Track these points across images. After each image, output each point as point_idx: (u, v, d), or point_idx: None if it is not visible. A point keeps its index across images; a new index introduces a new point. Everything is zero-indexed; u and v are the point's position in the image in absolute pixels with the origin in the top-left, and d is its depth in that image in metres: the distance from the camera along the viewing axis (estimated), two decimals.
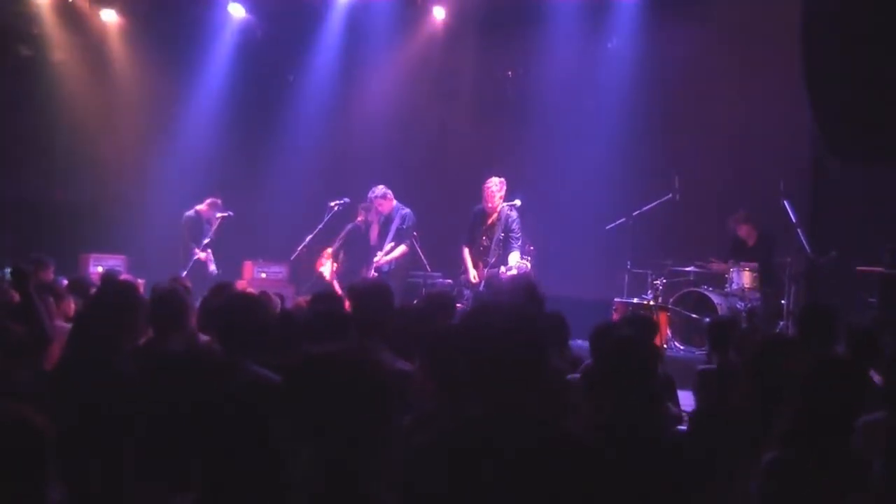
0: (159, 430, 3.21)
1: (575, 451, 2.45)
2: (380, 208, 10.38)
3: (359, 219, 11.06)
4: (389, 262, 10.27)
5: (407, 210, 10.44)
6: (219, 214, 11.49)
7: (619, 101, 11.98)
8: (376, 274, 10.07)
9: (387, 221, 10.40)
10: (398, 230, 10.31)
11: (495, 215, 9.57)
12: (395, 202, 10.43)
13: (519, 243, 9.47)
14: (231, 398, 2.92)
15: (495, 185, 9.56)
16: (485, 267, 9.48)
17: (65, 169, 13.01)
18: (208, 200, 11.62)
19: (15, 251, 10.20)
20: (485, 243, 9.57)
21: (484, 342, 2.48)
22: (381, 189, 10.39)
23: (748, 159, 10.84)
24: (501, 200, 9.57)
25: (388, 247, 10.30)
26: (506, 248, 9.45)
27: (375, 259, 10.33)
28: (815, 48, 9.88)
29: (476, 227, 9.73)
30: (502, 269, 9.28)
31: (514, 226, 9.49)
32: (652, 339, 5.14)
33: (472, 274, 9.62)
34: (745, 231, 10.30)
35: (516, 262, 9.27)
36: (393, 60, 13.43)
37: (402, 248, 10.32)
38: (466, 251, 9.79)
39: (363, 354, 2.25)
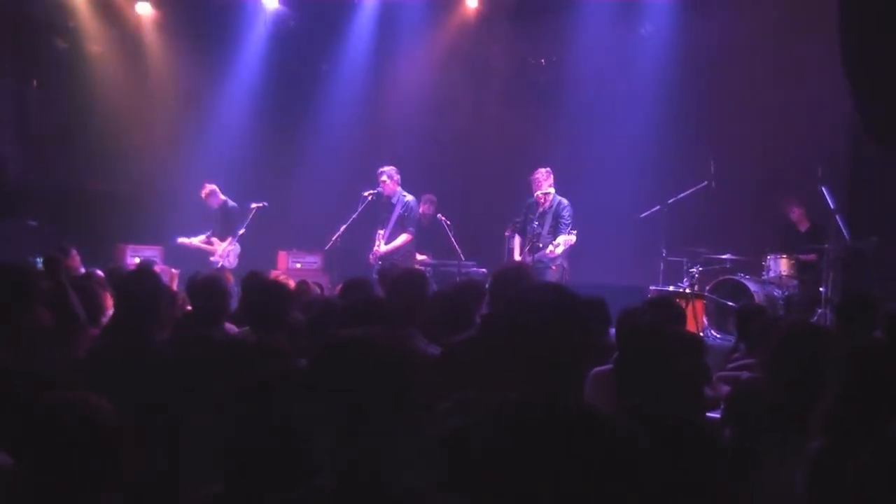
0: (192, 418, 3.23)
1: (616, 440, 2.42)
2: (382, 188, 10.38)
3: (420, 209, 11.14)
4: (393, 251, 10.25)
5: (410, 198, 10.43)
6: (253, 205, 11.55)
7: (654, 88, 11.89)
8: (379, 263, 10.09)
9: (388, 206, 10.40)
10: (400, 217, 10.31)
11: (546, 203, 9.72)
12: (398, 187, 10.42)
13: (569, 230, 9.61)
14: (264, 384, 2.91)
15: (541, 175, 9.82)
16: (534, 253, 9.61)
17: (101, 160, 13.10)
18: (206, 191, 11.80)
19: (52, 242, 10.29)
20: (536, 231, 9.72)
21: (526, 328, 2.46)
22: (389, 168, 10.40)
23: (785, 145, 10.69)
24: (550, 188, 9.76)
25: (380, 233, 10.35)
26: (555, 234, 9.65)
27: (376, 247, 10.35)
28: (854, 34, 9.74)
29: (528, 216, 9.92)
30: (550, 248, 9.44)
31: (565, 213, 9.71)
32: (677, 323, 5.06)
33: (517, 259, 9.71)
34: (797, 215, 10.21)
35: (564, 239, 9.43)
36: (425, 49, 13.40)
37: (404, 237, 10.31)
38: (517, 239, 10.02)
39: (390, 338, 2.22)
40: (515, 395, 2.45)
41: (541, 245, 9.65)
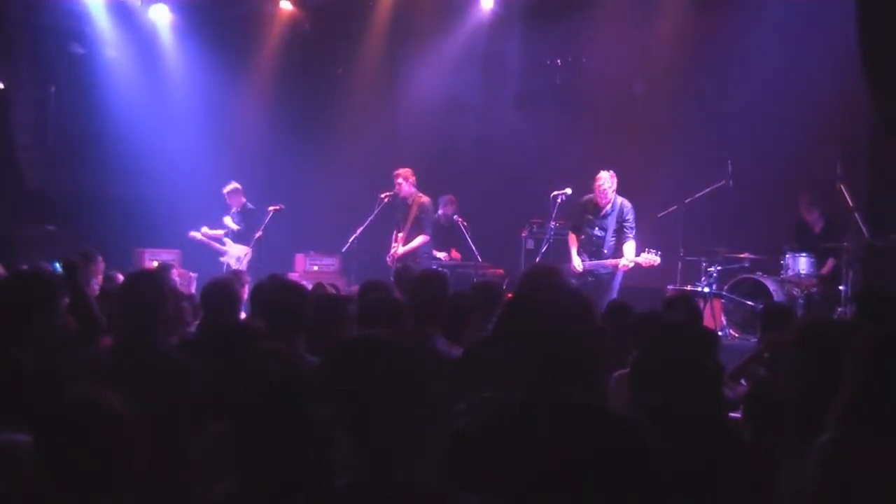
0: (203, 418, 3.23)
1: (631, 442, 2.39)
2: (398, 189, 10.37)
3: (439, 212, 11.10)
4: (410, 253, 10.22)
5: (426, 199, 10.41)
6: (270, 208, 11.57)
7: (670, 87, 11.83)
8: (397, 264, 10.07)
9: (404, 208, 10.39)
10: (416, 219, 10.29)
11: (609, 206, 9.55)
12: (414, 189, 10.40)
13: (633, 234, 9.47)
14: (276, 383, 2.91)
15: (606, 182, 9.49)
16: (598, 258, 9.51)
17: (119, 164, 13.18)
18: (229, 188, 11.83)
19: (71, 246, 10.35)
20: (598, 234, 9.57)
21: (539, 328, 2.45)
22: (405, 170, 10.39)
23: (803, 142, 10.62)
24: (615, 193, 9.55)
25: (399, 236, 10.35)
26: (619, 239, 9.48)
27: (393, 249, 10.35)
28: (871, 27, 9.67)
29: (585, 216, 9.68)
30: (621, 262, 9.28)
31: (630, 216, 9.52)
32: (699, 321, 5.05)
33: (577, 262, 9.59)
34: (813, 216, 10.13)
35: (632, 254, 9.28)
36: (440, 50, 13.40)
37: (421, 238, 10.29)
38: (573, 239, 9.76)
39: (401, 339, 2.21)
40: (521, 395, 2.43)
41: (605, 251, 9.48)
